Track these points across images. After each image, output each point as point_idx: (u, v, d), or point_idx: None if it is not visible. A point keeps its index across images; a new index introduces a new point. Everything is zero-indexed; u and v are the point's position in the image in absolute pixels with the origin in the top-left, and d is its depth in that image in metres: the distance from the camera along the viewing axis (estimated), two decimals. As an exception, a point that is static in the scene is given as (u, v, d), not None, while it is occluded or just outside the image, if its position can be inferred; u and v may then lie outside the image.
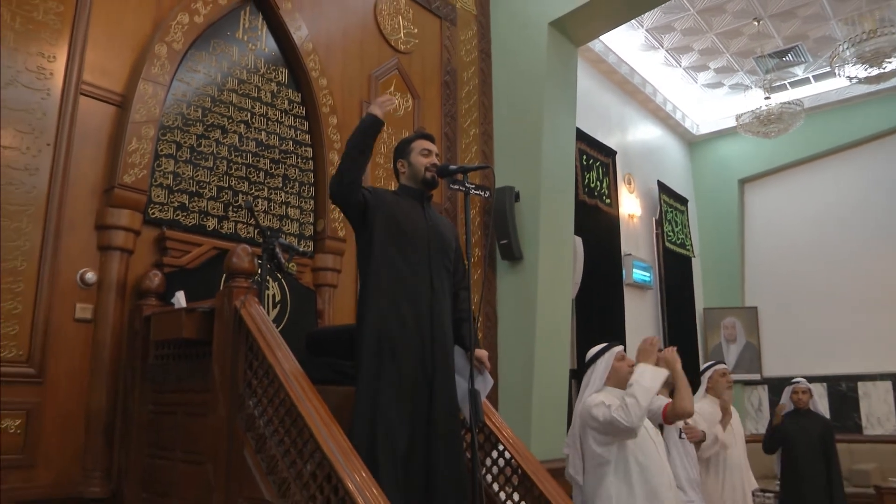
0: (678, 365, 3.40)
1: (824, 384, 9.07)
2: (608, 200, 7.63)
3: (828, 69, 8.12)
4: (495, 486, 3.01)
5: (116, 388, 3.36)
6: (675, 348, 3.61)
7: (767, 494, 6.04)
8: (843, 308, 9.07)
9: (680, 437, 3.66)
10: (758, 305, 9.80)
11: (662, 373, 3.12)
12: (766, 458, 5.53)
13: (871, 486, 7.57)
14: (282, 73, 4.47)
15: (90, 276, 3.37)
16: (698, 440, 3.81)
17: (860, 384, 8.88)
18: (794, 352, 9.31)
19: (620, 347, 3.39)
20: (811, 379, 8.81)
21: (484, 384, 2.91)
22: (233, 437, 2.66)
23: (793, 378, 5.51)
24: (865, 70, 6.57)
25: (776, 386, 8.90)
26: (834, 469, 5.06)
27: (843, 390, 8.97)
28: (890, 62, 6.44)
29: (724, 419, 4.25)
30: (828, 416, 8.66)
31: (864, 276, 9.01)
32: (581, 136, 7.09)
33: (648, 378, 3.05)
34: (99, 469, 3.25)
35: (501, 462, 3.02)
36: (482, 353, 2.90)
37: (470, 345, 2.82)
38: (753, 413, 9.44)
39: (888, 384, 8.69)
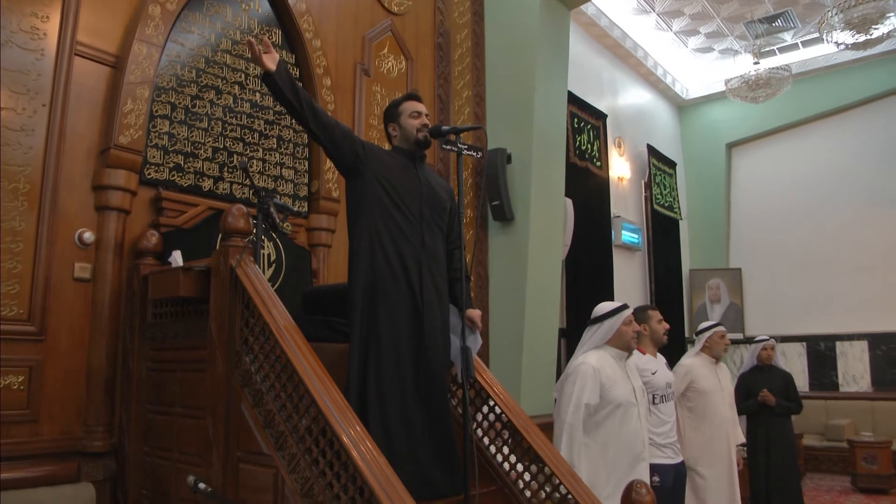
0: None
1: (804, 343, 9.33)
2: (598, 163, 7.69)
3: (816, 35, 8.14)
4: (486, 440, 3.10)
5: (116, 345, 3.43)
6: (654, 322, 3.80)
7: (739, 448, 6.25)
8: (823, 270, 9.28)
9: (654, 402, 3.73)
10: (742, 267, 9.98)
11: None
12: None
13: (845, 440, 7.85)
14: (275, 34, 4.46)
15: (88, 235, 3.42)
16: None
17: (838, 343, 9.15)
18: (775, 312, 9.54)
19: (630, 312, 3.41)
20: (791, 338, 9.10)
21: (474, 343, 2.98)
22: (230, 393, 2.73)
23: (758, 336, 5.68)
24: (853, 36, 6.60)
25: (758, 346, 9.10)
26: (795, 402, 5.28)
27: (822, 349, 9.24)
28: (877, 28, 6.48)
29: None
30: (806, 373, 8.95)
31: (843, 240, 9.21)
32: (572, 100, 7.10)
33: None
34: (101, 424, 3.34)
35: (492, 417, 3.11)
36: (475, 312, 2.97)
37: (462, 304, 2.90)
38: (735, 371, 9.63)
39: (864, 344, 8.96)
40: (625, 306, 3.41)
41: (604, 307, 3.44)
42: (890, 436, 7.75)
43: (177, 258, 3.39)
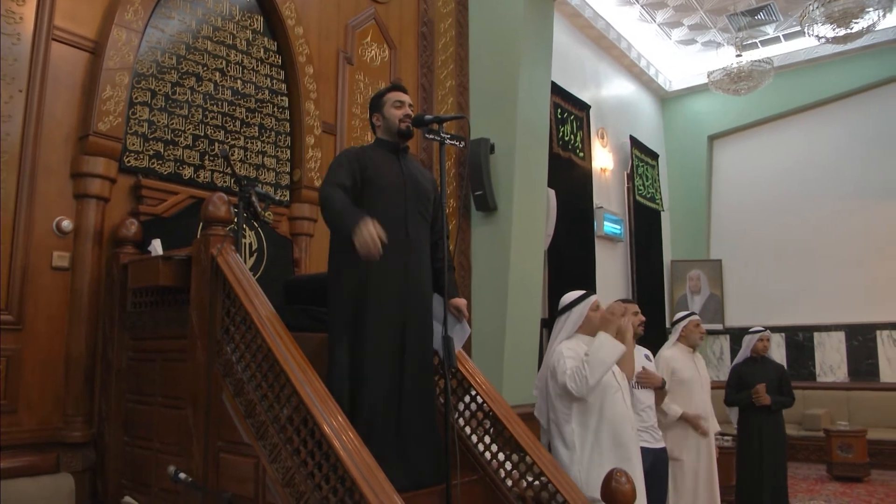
0: (629, 335, 3.46)
1: (783, 334, 9.45)
2: (581, 154, 7.71)
3: (798, 28, 8.20)
4: (467, 429, 3.12)
5: (95, 334, 3.41)
6: (630, 315, 3.73)
7: (725, 437, 6.30)
8: (802, 262, 9.40)
9: (633, 386, 3.76)
10: (722, 258, 10.08)
11: (619, 347, 3.15)
12: (721, 404, 5.74)
13: (821, 429, 7.97)
14: (257, 20, 4.42)
15: (66, 224, 3.38)
16: (657, 386, 3.93)
17: (816, 334, 9.29)
18: (755, 303, 9.65)
19: (596, 297, 3.44)
20: (770, 329, 9.20)
21: (462, 332, 3.00)
22: (211, 382, 2.73)
23: (752, 328, 5.71)
24: (834, 30, 6.66)
25: (737, 335, 9.20)
26: (787, 392, 5.33)
27: (800, 340, 9.37)
28: (857, 23, 6.54)
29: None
30: (785, 363, 9.06)
31: (822, 233, 9.33)
32: (556, 90, 7.11)
33: (606, 352, 3.10)
34: (80, 414, 3.31)
35: (474, 406, 3.12)
36: (461, 301, 2.98)
37: (447, 293, 2.90)
38: (715, 361, 9.79)
39: (841, 335, 9.10)
40: (589, 293, 3.45)
41: (570, 296, 3.47)
42: (865, 425, 7.88)
43: (157, 247, 3.36)
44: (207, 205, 2.90)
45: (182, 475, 2.53)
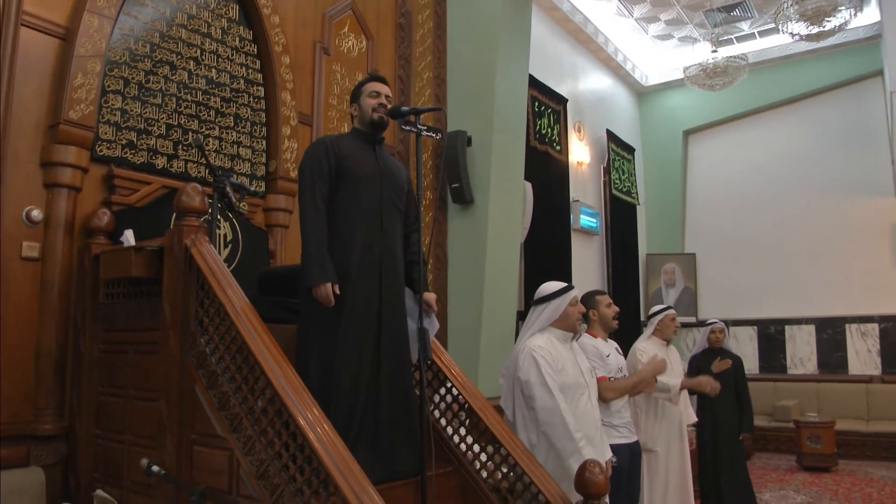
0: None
1: (755, 327, 9.61)
2: (558, 147, 7.74)
3: (772, 25, 8.28)
4: (443, 421, 3.13)
5: (66, 326, 3.35)
6: (603, 307, 3.83)
7: (690, 428, 6.40)
8: (774, 257, 9.55)
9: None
10: (696, 252, 10.20)
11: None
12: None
13: (791, 420, 8.12)
14: (232, 8, 4.36)
15: (36, 213, 3.32)
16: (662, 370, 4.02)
17: (787, 327, 9.45)
18: (728, 296, 9.79)
19: (576, 292, 3.38)
20: (743, 322, 9.37)
21: (430, 326, 3.00)
22: (184, 375, 2.71)
23: (709, 320, 5.82)
24: (807, 27, 6.76)
25: (711, 329, 9.32)
26: (745, 403, 5.42)
27: (772, 333, 9.53)
28: (829, 21, 6.64)
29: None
30: (756, 356, 9.21)
31: (794, 228, 9.49)
32: (533, 83, 7.12)
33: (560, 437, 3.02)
34: (51, 407, 3.26)
35: (449, 398, 3.13)
36: (430, 296, 2.98)
37: (419, 287, 2.90)
38: (688, 353, 9.84)
39: (811, 328, 9.28)
40: (570, 286, 3.37)
41: (549, 287, 3.40)
42: (833, 416, 8.05)
43: (129, 237, 3.32)
44: (181, 195, 2.87)
45: (155, 468, 2.51)
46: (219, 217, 3.60)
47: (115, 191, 3.60)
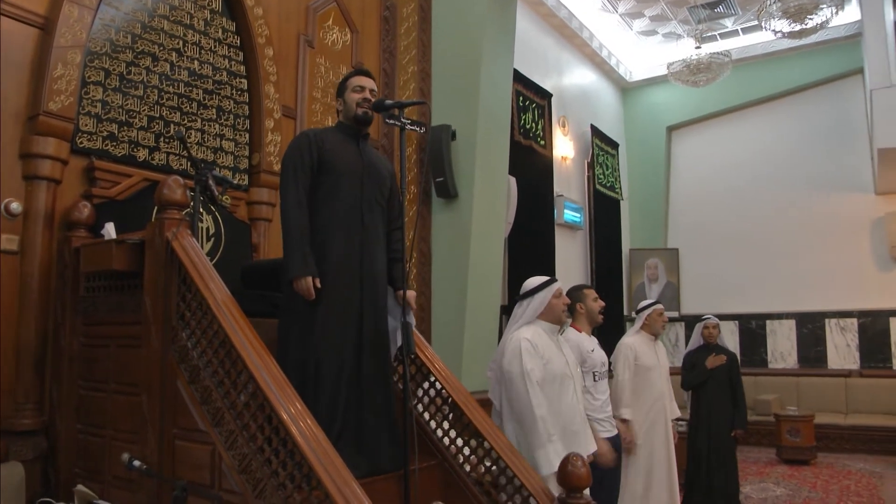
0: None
1: (736, 322, 9.70)
2: (542, 142, 7.75)
3: (755, 22, 8.34)
4: (426, 415, 3.13)
5: (46, 320, 3.31)
6: (590, 301, 3.88)
7: (681, 422, 6.45)
8: (755, 252, 9.65)
9: (595, 379, 3.80)
10: (679, 247, 10.27)
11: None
12: (680, 389, 5.88)
13: (772, 414, 8.21)
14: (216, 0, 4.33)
15: (15, 206, 3.27)
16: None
17: (768, 322, 9.56)
18: (710, 291, 9.88)
19: (559, 285, 3.43)
20: (724, 317, 9.45)
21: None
22: (166, 369, 2.69)
23: (703, 315, 5.87)
24: (790, 25, 6.81)
25: (692, 323, 9.33)
26: (739, 398, 5.47)
27: (753, 327, 9.64)
28: (811, 18, 6.71)
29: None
30: (738, 350, 9.30)
31: (776, 223, 9.59)
32: (518, 78, 7.12)
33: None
34: (30, 401, 3.22)
35: (433, 392, 3.13)
36: (411, 293, 2.98)
37: (401, 284, 2.93)
38: (671, 348, 9.99)
39: (792, 322, 9.39)
40: (553, 279, 3.42)
41: (533, 281, 3.45)
42: (813, 410, 8.14)
43: (110, 230, 3.28)
44: (162, 187, 2.84)
45: (136, 463, 2.50)
46: (201, 210, 3.56)
47: (96, 183, 3.56)
